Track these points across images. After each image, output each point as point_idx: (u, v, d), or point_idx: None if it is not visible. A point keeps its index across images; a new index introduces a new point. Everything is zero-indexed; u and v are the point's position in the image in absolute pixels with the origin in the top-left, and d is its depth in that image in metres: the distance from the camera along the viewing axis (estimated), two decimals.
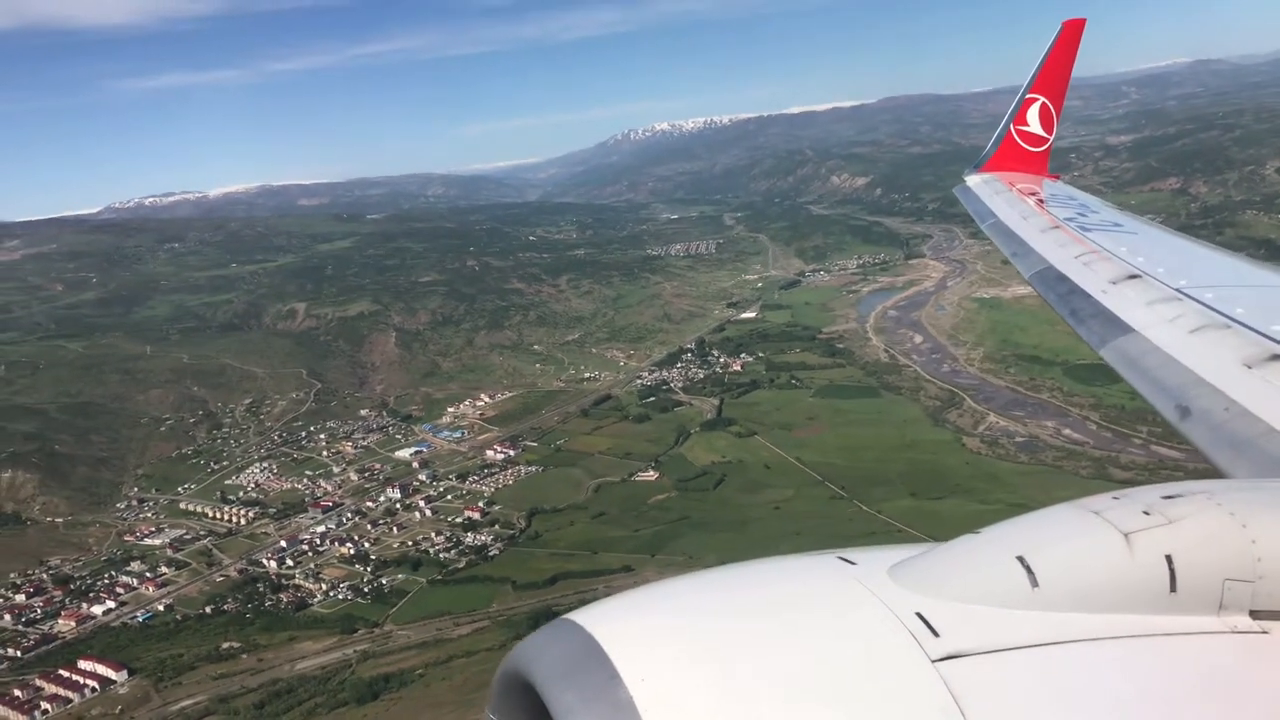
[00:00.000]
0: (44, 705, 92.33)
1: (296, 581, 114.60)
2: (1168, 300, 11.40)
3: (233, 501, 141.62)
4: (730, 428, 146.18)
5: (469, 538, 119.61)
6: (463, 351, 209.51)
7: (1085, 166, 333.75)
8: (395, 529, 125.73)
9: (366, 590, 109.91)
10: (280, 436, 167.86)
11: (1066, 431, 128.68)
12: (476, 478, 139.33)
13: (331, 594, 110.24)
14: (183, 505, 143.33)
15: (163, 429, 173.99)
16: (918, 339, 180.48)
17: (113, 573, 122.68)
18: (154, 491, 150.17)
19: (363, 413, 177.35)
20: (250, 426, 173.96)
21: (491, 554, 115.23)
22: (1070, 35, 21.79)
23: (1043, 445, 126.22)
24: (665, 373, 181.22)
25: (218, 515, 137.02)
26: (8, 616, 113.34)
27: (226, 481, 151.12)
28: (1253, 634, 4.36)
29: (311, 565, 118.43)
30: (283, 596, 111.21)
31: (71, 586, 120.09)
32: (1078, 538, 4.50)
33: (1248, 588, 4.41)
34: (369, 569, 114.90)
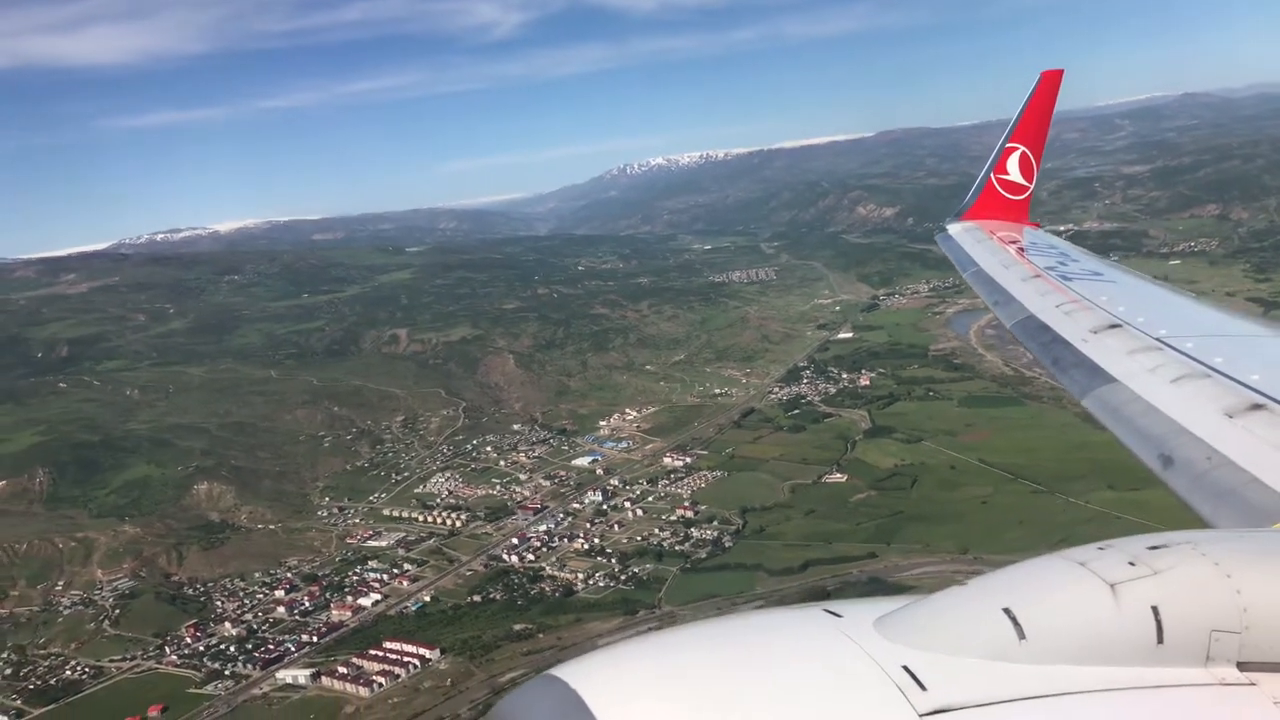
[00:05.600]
0: (375, 679, 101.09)
1: (549, 573, 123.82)
2: (1148, 350, 11.71)
3: (433, 507, 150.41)
4: (892, 435, 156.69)
5: (695, 533, 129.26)
6: (585, 372, 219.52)
7: (1114, 195, 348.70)
8: (616, 526, 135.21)
9: (624, 579, 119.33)
10: (448, 450, 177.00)
11: None
12: (667, 482, 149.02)
13: (590, 582, 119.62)
14: (385, 512, 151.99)
15: (325, 445, 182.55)
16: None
17: (358, 570, 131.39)
18: (346, 500, 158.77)
19: (515, 427, 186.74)
20: (413, 441, 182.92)
21: (727, 546, 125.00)
22: (1048, 86, 22.48)
23: None
24: (794, 388, 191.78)
25: (429, 519, 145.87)
26: (280, 609, 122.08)
27: (415, 490, 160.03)
28: (1240, 686, 4.45)
29: (554, 559, 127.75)
30: (544, 586, 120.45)
31: (323, 583, 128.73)
32: (1064, 589, 4.64)
33: (1234, 639, 4.51)
34: (614, 560, 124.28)
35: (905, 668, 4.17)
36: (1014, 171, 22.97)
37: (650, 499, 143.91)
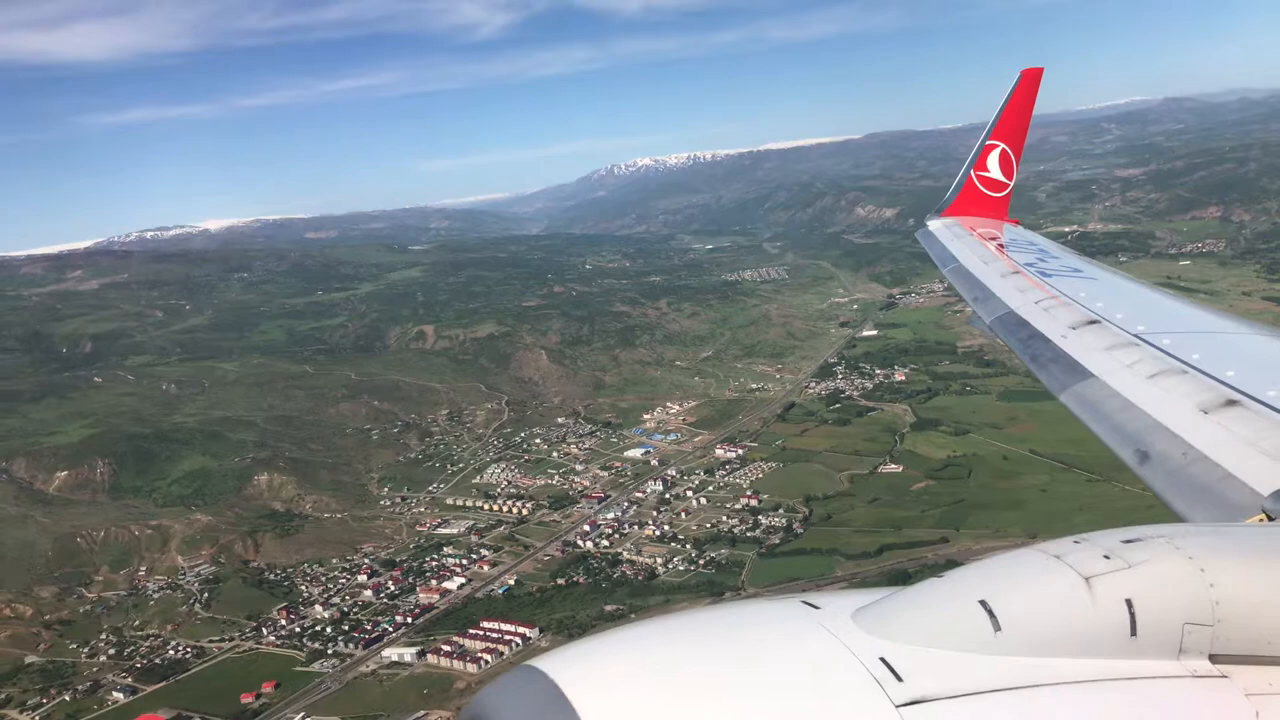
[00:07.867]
0: (481, 656, 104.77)
1: (627, 557, 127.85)
2: (1126, 346, 11.78)
3: (495, 497, 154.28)
4: (939, 428, 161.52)
5: (764, 520, 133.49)
6: (618, 367, 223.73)
7: (1112, 197, 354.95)
8: (683, 514, 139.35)
9: (702, 563, 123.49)
10: (499, 442, 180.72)
11: None
12: (724, 472, 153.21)
13: (670, 566, 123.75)
14: (448, 501, 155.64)
15: (374, 437, 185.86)
16: None
17: (435, 556, 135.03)
18: (406, 490, 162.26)
19: (559, 420, 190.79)
20: (462, 434, 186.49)
21: (798, 532, 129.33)
22: (1028, 84, 22.52)
23: None
24: (830, 383, 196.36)
25: (494, 508, 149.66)
26: (367, 593, 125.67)
27: (473, 481, 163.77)
28: (1212, 678, 4.53)
29: (628, 544, 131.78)
30: (624, 570, 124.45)
31: (403, 568, 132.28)
32: (1040, 582, 4.69)
33: (1207, 631, 4.58)
34: (688, 546, 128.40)
35: (882, 659, 4.32)
36: (994, 169, 23.13)
37: (711, 488, 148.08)
